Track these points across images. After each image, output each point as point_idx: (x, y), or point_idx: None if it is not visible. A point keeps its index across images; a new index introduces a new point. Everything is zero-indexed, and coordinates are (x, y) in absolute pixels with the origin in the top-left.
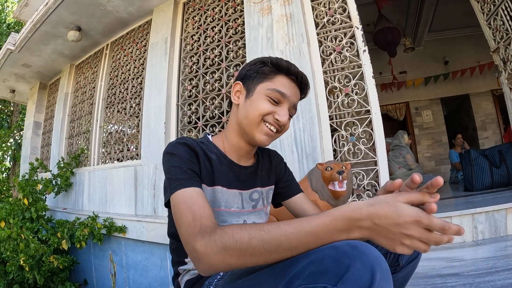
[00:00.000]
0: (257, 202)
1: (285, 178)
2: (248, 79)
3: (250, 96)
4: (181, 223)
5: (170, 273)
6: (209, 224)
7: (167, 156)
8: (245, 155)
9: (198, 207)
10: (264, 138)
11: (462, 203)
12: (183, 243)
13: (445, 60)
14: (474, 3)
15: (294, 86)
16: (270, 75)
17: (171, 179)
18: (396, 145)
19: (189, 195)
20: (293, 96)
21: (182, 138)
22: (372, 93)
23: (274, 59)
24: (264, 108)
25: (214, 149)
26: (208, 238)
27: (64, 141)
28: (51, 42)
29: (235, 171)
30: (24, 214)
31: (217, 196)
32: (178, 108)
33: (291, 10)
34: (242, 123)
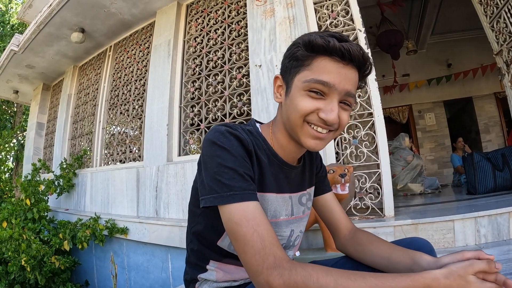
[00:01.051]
0: (305, 207)
1: (320, 173)
2: (286, 70)
3: (289, 92)
4: (246, 247)
5: (171, 275)
6: (284, 257)
7: (216, 148)
8: (295, 156)
9: (266, 231)
10: (312, 143)
11: (465, 207)
12: (250, 271)
13: (448, 63)
14: (477, 6)
15: (342, 66)
16: (307, 60)
17: (222, 183)
18: (396, 147)
19: (252, 212)
20: (343, 81)
21: (230, 126)
22: (375, 96)
23: (307, 36)
24: (303, 107)
25: (263, 144)
26: (288, 277)
27: (67, 142)
28: (55, 43)
29: (285, 172)
30: (26, 215)
31: (264, 204)
32: (180, 110)
33: (294, 12)
34: (287, 125)
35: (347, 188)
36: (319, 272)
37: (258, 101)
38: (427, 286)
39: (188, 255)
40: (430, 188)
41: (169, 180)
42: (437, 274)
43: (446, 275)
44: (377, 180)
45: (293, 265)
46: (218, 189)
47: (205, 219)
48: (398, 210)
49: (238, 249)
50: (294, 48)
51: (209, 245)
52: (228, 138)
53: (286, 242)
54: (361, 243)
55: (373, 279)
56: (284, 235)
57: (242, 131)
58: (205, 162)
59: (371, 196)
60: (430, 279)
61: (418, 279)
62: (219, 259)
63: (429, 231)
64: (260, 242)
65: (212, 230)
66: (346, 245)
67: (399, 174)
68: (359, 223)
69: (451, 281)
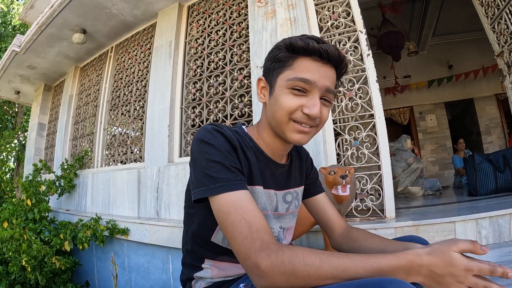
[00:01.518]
0: (290, 205)
1: (311, 175)
2: (268, 71)
3: (273, 91)
4: (234, 234)
5: (172, 276)
6: (272, 240)
7: (203, 145)
8: (281, 153)
9: (253, 217)
10: (298, 136)
11: (466, 208)
12: (239, 256)
13: (449, 64)
14: (478, 7)
15: (321, 65)
16: (288, 61)
17: (211, 176)
18: (398, 149)
19: (239, 200)
20: (322, 78)
21: (216, 125)
22: (376, 97)
23: (288, 40)
24: (288, 105)
25: (250, 142)
26: (275, 257)
27: (68, 142)
28: (56, 44)
29: (271, 169)
30: (27, 215)
31: (254, 197)
32: (182, 111)
33: (295, 14)
34: (272, 123)
35: (348, 189)
36: (305, 252)
37: (259, 103)
38: (410, 261)
39: (183, 256)
40: (431, 189)
41: (170, 181)
42: (419, 251)
43: (429, 252)
44: (378, 182)
45: (280, 247)
46: (206, 182)
47: (199, 218)
48: (399, 212)
49: (228, 236)
50: (276, 51)
51: (203, 244)
52: (214, 135)
53: (278, 236)
54: (356, 240)
55: (357, 257)
56: (274, 229)
57: (228, 129)
58: (194, 159)
59: (372, 198)
60: (413, 255)
61: (401, 255)
62: (213, 257)
63: (430, 233)
64: (248, 228)
65: (205, 226)
66: (341, 243)
67: (399, 176)
68: (360, 224)
69: (434, 257)
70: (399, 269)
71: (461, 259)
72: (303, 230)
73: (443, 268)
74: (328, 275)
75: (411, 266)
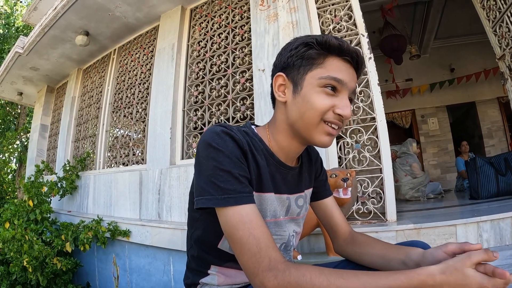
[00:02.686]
0: (301, 209)
1: (320, 177)
2: (292, 68)
3: (300, 90)
4: (242, 250)
5: (173, 278)
6: (279, 259)
7: (211, 150)
8: (294, 156)
9: (262, 234)
10: (326, 139)
11: (468, 211)
12: (247, 273)
13: (451, 68)
14: (480, 10)
15: (349, 67)
16: (319, 59)
17: (217, 186)
18: (404, 152)
19: (248, 215)
20: (351, 80)
21: (225, 127)
22: (378, 100)
23: (320, 37)
24: (322, 105)
25: (260, 144)
26: (281, 278)
27: (70, 144)
28: (59, 46)
29: (282, 172)
30: (28, 216)
31: (263, 204)
32: (184, 113)
33: (297, 17)
34: (296, 125)
35: (349, 192)
36: (312, 272)
37: (261, 106)
38: (422, 282)
39: (188, 260)
40: (432, 193)
41: (172, 183)
42: (432, 270)
43: (442, 270)
44: (379, 185)
45: (287, 267)
46: (212, 191)
47: (204, 223)
48: (401, 215)
49: (236, 251)
50: (303, 47)
51: (209, 250)
52: (223, 139)
53: (287, 241)
54: (359, 245)
55: (366, 277)
56: (285, 235)
57: (238, 132)
58: (200, 164)
59: (374, 201)
60: (425, 275)
61: (413, 276)
62: (220, 263)
63: (431, 236)
64: (256, 245)
65: (211, 233)
66: (346, 248)
67: (401, 182)
68: (361, 227)
69: (448, 276)
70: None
71: (475, 277)
72: (304, 233)
73: (456, 287)
74: None
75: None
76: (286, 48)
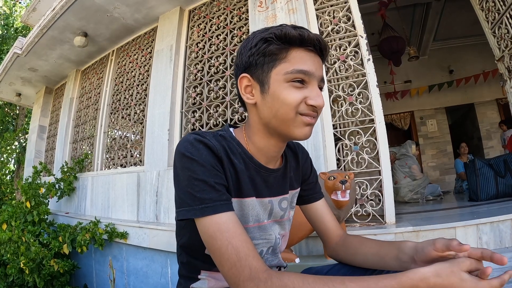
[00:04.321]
0: (285, 212)
1: (310, 180)
2: (255, 67)
3: (267, 89)
4: (221, 260)
5: (171, 281)
6: (260, 267)
7: (185, 160)
8: (274, 157)
9: (240, 242)
10: (306, 129)
11: (467, 214)
12: (228, 282)
13: (450, 69)
14: (479, 12)
15: (314, 55)
16: (281, 53)
17: (194, 196)
18: (403, 154)
19: (225, 223)
20: (318, 69)
21: (199, 134)
22: (376, 102)
23: (277, 30)
24: (293, 99)
25: (238, 148)
26: (264, 287)
27: (68, 145)
28: (58, 47)
29: (263, 175)
30: (26, 217)
31: (245, 209)
32: (182, 115)
33: (296, 18)
34: (271, 123)
35: (347, 195)
36: (295, 281)
37: None
38: (415, 287)
39: (179, 267)
40: (431, 195)
41: (170, 185)
42: (426, 273)
43: (437, 273)
44: (378, 187)
45: (269, 276)
46: (190, 202)
47: (189, 231)
48: (400, 217)
49: (216, 261)
50: (263, 44)
51: (197, 256)
52: (196, 147)
53: (274, 245)
54: (353, 247)
55: (353, 284)
56: (271, 238)
57: (212, 138)
58: (177, 175)
59: (372, 203)
60: (418, 280)
61: (405, 280)
62: (209, 268)
63: (431, 238)
64: (235, 254)
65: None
66: (338, 252)
67: (400, 184)
68: (360, 230)
69: (442, 279)
70: None
71: (470, 281)
72: (302, 235)
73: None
74: None
75: None
76: (246, 46)
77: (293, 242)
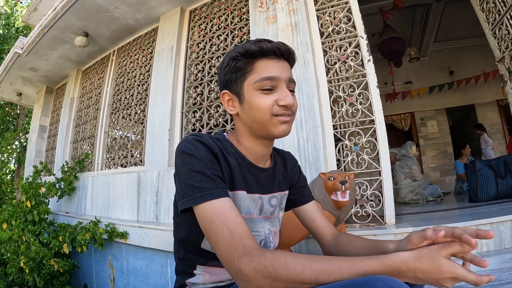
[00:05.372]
0: (275, 209)
1: (299, 184)
2: (231, 83)
3: (243, 99)
4: (217, 241)
5: (170, 280)
6: (254, 245)
7: (185, 156)
8: (263, 156)
9: (235, 224)
10: (283, 127)
11: (467, 214)
12: (224, 262)
13: (450, 70)
14: (479, 13)
15: (278, 61)
16: (248, 67)
17: (193, 186)
18: (403, 155)
19: (221, 208)
20: (283, 72)
21: (197, 135)
22: (377, 103)
23: (241, 48)
24: (265, 104)
25: (231, 148)
26: (257, 262)
27: (68, 145)
28: (59, 47)
29: (254, 173)
30: (26, 217)
31: (237, 201)
32: (182, 115)
33: (296, 19)
34: (253, 127)
35: (347, 195)
36: (287, 256)
37: None
38: (396, 269)
39: (176, 264)
40: (432, 196)
41: (170, 185)
42: (406, 256)
43: (416, 258)
44: (378, 188)
45: (262, 252)
46: (190, 192)
47: (187, 226)
48: (399, 218)
49: (212, 244)
50: (232, 62)
51: (194, 250)
52: (195, 145)
53: (265, 239)
54: (343, 245)
55: (340, 261)
56: (261, 232)
57: (209, 138)
58: (178, 171)
59: (372, 204)
60: (399, 262)
61: (387, 262)
62: (204, 262)
63: None
64: (230, 234)
65: (194, 234)
66: (332, 251)
67: (400, 185)
68: (360, 230)
69: (422, 263)
70: (384, 273)
71: (449, 267)
72: (301, 236)
73: (429, 274)
74: (312, 280)
75: (396, 273)
76: (221, 67)
77: (292, 243)
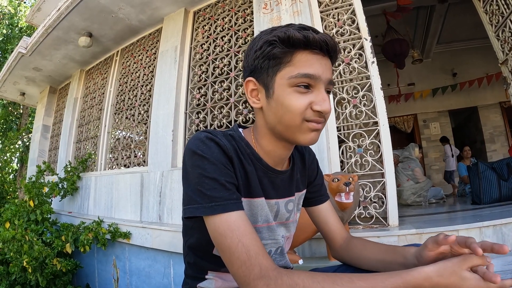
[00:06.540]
0: (291, 214)
1: (316, 182)
2: (260, 71)
3: (272, 94)
4: (231, 258)
5: (173, 281)
6: (270, 266)
7: (196, 158)
8: (282, 160)
9: (251, 241)
10: (312, 135)
11: (470, 217)
12: (238, 282)
13: (453, 72)
14: (483, 15)
15: (321, 58)
16: (286, 57)
17: (203, 194)
18: (406, 157)
19: (236, 222)
20: (325, 71)
21: (210, 132)
22: (380, 104)
23: (281, 32)
24: (298, 106)
25: (246, 149)
26: (274, 286)
27: (72, 145)
28: (62, 47)
29: (270, 177)
30: (29, 216)
31: (254, 209)
32: (186, 116)
33: (300, 20)
34: (277, 129)
35: (351, 196)
36: (305, 279)
37: None
38: (419, 285)
39: (185, 267)
40: (434, 198)
41: (173, 185)
42: (429, 272)
43: (439, 273)
44: (381, 189)
45: (279, 274)
46: (199, 200)
47: (198, 231)
48: (403, 220)
49: (225, 260)
50: (267, 47)
51: (205, 256)
52: (208, 145)
53: (282, 246)
54: (356, 250)
55: (361, 282)
56: (278, 239)
57: (223, 137)
58: (187, 172)
59: (375, 205)
60: (422, 279)
61: (410, 279)
62: (216, 268)
63: None
64: (245, 252)
65: (205, 240)
66: (342, 254)
67: (403, 187)
68: (363, 232)
69: (444, 279)
70: None
71: (471, 279)
72: (305, 237)
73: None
74: None
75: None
76: (252, 48)
77: (296, 244)
